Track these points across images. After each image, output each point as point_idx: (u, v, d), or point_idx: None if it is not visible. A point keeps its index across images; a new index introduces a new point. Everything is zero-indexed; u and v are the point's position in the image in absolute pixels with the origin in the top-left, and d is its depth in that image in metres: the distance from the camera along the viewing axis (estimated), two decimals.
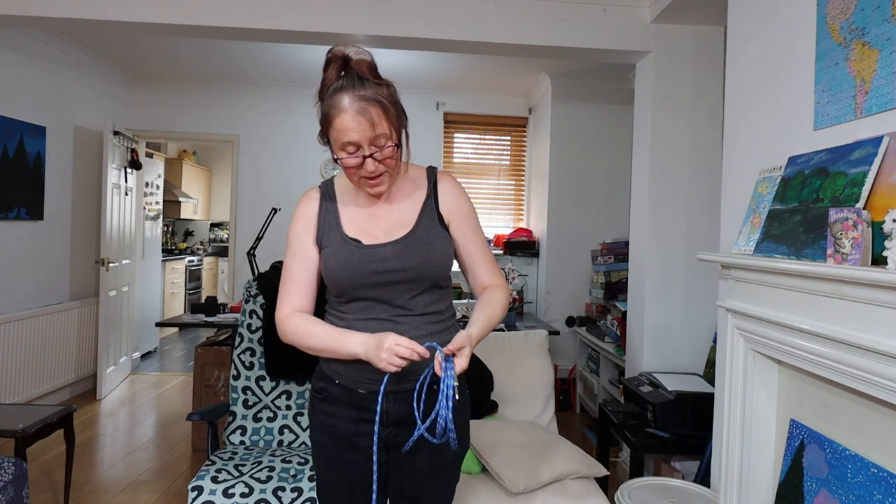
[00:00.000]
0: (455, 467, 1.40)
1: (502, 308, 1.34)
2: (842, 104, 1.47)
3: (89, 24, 2.89)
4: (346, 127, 1.18)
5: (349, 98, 1.18)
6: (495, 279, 1.39)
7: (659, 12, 2.89)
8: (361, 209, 1.34)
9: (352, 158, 1.21)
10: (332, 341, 1.26)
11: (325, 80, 1.23)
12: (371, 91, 1.19)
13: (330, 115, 1.20)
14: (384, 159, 1.22)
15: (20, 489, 2.06)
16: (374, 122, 1.18)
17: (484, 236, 1.42)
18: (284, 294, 1.34)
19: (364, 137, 1.18)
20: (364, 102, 1.17)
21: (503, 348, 2.68)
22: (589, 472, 2.06)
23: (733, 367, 1.72)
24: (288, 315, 1.32)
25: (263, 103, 5.21)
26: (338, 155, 1.22)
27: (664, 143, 3.04)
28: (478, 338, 1.25)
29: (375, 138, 1.19)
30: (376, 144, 1.20)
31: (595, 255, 4.47)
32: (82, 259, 4.57)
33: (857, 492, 1.30)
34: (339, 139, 1.20)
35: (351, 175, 1.25)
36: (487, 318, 1.29)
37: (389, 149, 1.21)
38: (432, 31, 2.94)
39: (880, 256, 1.19)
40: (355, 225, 1.32)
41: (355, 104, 1.17)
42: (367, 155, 1.20)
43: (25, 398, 3.85)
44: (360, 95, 1.18)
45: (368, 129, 1.18)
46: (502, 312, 1.34)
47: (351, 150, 1.20)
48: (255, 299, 2.48)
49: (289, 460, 2.14)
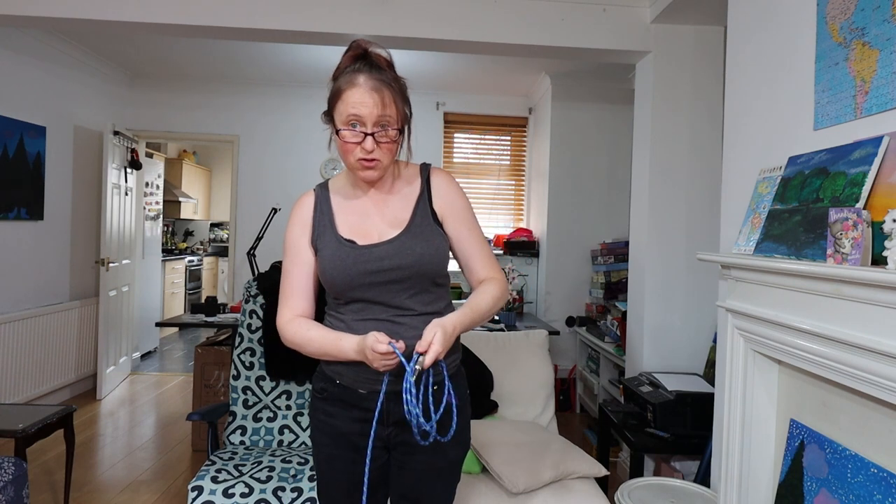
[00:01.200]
0: (456, 468, 1.39)
1: (493, 299, 1.30)
2: (842, 104, 1.47)
3: (89, 24, 2.89)
4: (356, 100, 1.20)
5: (365, 76, 1.22)
6: (492, 273, 1.36)
7: (659, 12, 2.89)
8: (356, 209, 1.34)
9: (353, 133, 1.22)
10: (329, 346, 1.26)
11: (342, 64, 1.26)
12: (387, 76, 1.23)
13: (342, 89, 1.23)
14: (383, 142, 1.23)
15: (20, 489, 2.06)
16: (384, 101, 1.21)
17: (480, 231, 1.39)
18: (284, 299, 1.35)
19: (371, 114, 1.20)
20: (379, 83, 1.21)
21: (503, 348, 2.68)
22: (589, 472, 2.06)
23: (733, 367, 1.72)
24: (288, 321, 1.32)
25: (263, 103, 5.21)
26: (340, 128, 1.23)
27: (664, 143, 3.04)
28: (456, 323, 1.20)
29: (381, 117, 1.21)
30: (381, 124, 1.21)
31: (595, 255, 4.47)
32: (82, 259, 4.57)
33: (857, 492, 1.30)
34: (346, 111, 1.21)
35: (347, 153, 1.25)
36: (472, 306, 1.27)
37: (392, 132, 1.23)
38: (432, 31, 2.94)
39: (880, 256, 1.19)
40: (349, 226, 1.33)
41: (370, 81, 1.21)
42: (370, 132, 1.21)
43: (25, 398, 3.85)
44: (377, 77, 1.22)
45: (377, 106, 1.20)
46: (492, 303, 1.30)
47: (354, 126, 1.22)
48: (255, 299, 2.48)
49: (289, 460, 2.14)
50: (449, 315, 1.22)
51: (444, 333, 1.16)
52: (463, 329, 1.23)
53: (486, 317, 1.30)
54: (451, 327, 1.18)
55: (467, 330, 1.26)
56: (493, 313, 1.31)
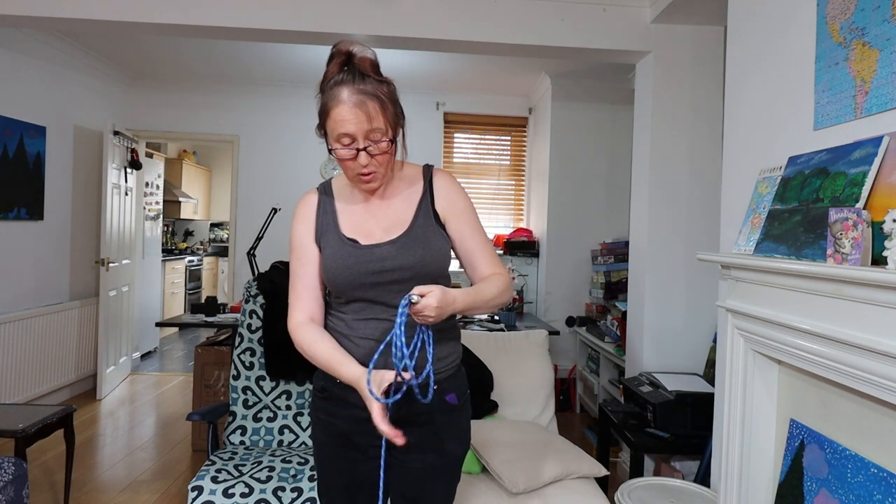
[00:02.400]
0: (455, 467, 1.39)
1: (497, 289, 1.29)
2: (842, 104, 1.47)
3: (89, 24, 2.89)
4: (342, 118, 1.19)
5: (348, 90, 1.19)
6: (496, 269, 1.36)
7: (659, 12, 2.89)
8: (359, 208, 1.35)
9: (346, 150, 1.21)
10: (334, 363, 1.25)
11: (328, 73, 1.24)
12: (371, 86, 1.20)
13: (328, 106, 1.21)
14: (377, 154, 1.22)
15: (20, 489, 2.06)
16: (370, 115, 1.19)
17: (483, 231, 1.39)
18: (295, 300, 1.34)
19: (359, 130, 1.19)
20: (362, 96, 1.19)
21: (503, 348, 2.68)
22: (589, 472, 2.06)
23: (733, 367, 1.72)
24: (299, 325, 1.32)
25: (263, 103, 5.21)
26: (332, 146, 1.23)
27: (664, 143, 3.04)
28: (457, 296, 1.19)
29: (370, 132, 1.20)
30: (371, 139, 1.20)
31: (595, 255, 4.47)
32: (82, 259, 4.57)
33: (857, 492, 1.30)
34: (336, 130, 1.21)
35: (346, 169, 1.26)
36: (475, 290, 1.27)
37: (384, 144, 1.22)
38: (432, 31, 2.94)
39: (880, 256, 1.19)
40: (352, 225, 1.33)
41: (353, 97, 1.19)
42: (362, 148, 1.20)
43: (25, 398, 3.85)
44: (360, 89, 1.19)
45: (364, 121, 1.19)
46: (496, 293, 1.29)
47: (346, 142, 1.21)
48: (255, 299, 2.48)
49: (289, 460, 2.14)
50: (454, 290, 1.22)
51: (444, 294, 1.14)
52: (463, 306, 1.22)
53: (488, 304, 1.28)
54: (450, 296, 1.17)
55: (466, 311, 1.24)
56: (494, 303, 1.30)
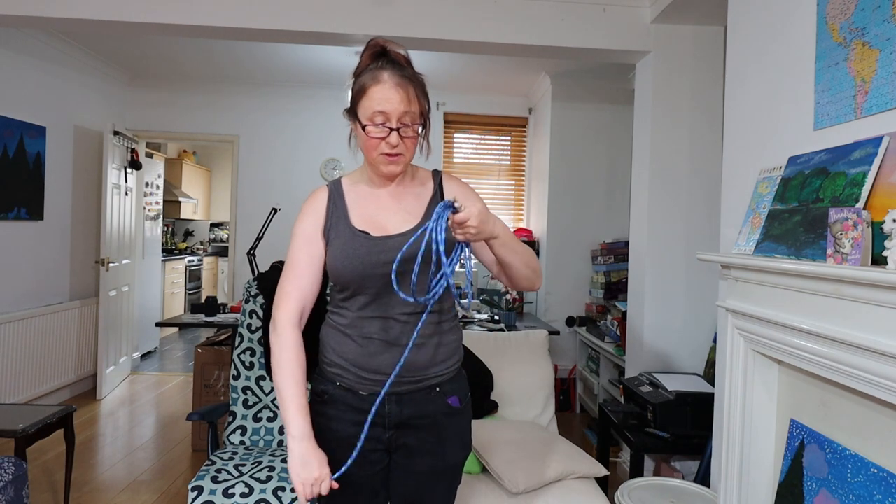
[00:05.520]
0: (457, 470, 1.39)
1: (532, 254, 1.30)
2: (842, 104, 1.47)
3: (89, 24, 2.89)
4: (382, 96, 1.21)
5: (389, 72, 1.23)
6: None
7: (659, 12, 2.89)
8: (369, 203, 1.35)
9: (378, 129, 1.23)
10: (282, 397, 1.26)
11: (362, 62, 1.27)
12: (410, 73, 1.25)
13: (366, 86, 1.23)
14: (407, 137, 1.24)
15: (20, 489, 2.06)
16: (409, 97, 1.23)
17: (505, 226, 1.35)
18: (287, 289, 1.30)
19: (396, 110, 1.21)
20: (403, 79, 1.23)
21: (503, 348, 2.68)
22: (589, 472, 2.06)
23: (733, 367, 1.72)
24: (282, 326, 1.28)
25: (263, 104, 5.21)
26: (365, 124, 1.24)
27: (664, 143, 3.04)
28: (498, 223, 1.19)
29: (405, 114, 1.22)
30: (404, 121, 1.23)
31: (595, 255, 4.47)
32: (82, 259, 4.57)
33: (857, 492, 1.30)
34: (372, 107, 1.22)
35: (371, 149, 1.26)
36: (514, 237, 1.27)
37: (416, 127, 1.25)
38: (432, 31, 2.94)
39: (880, 256, 1.19)
40: (363, 218, 1.33)
41: (395, 78, 1.22)
42: (395, 128, 1.22)
43: (25, 398, 3.85)
44: (401, 74, 1.23)
45: (403, 101, 1.21)
46: (531, 254, 1.29)
47: (379, 121, 1.22)
48: (255, 299, 2.48)
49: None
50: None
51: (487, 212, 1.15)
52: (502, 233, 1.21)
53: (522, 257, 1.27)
54: (492, 217, 1.17)
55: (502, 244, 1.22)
56: (527, 261, 1.28)
